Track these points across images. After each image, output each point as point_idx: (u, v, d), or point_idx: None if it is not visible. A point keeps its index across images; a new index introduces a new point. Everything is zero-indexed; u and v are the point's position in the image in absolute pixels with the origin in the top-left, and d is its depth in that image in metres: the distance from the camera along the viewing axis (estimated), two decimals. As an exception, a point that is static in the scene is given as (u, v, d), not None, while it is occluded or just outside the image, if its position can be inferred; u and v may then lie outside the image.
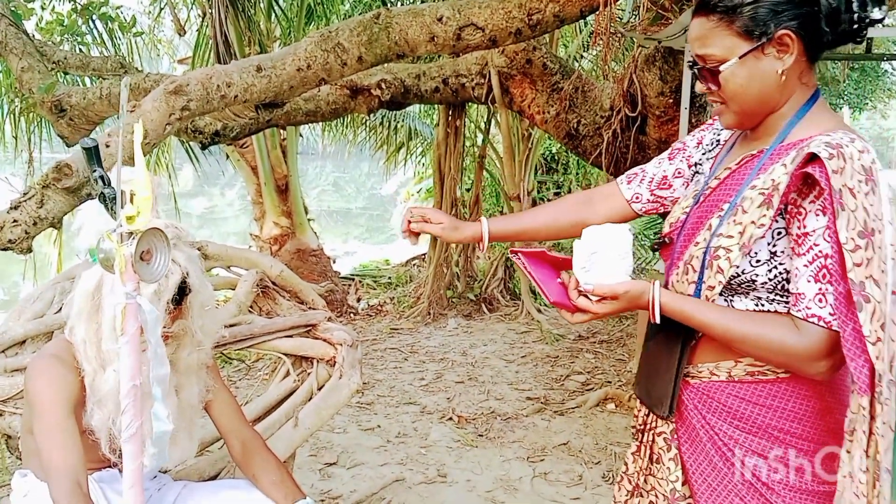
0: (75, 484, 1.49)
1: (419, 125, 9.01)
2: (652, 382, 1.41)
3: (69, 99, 4.10)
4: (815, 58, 1.26)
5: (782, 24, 1.20)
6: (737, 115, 1.31)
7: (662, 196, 1.52)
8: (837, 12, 1.21)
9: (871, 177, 1.16)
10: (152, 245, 1.16)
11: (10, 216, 2.67)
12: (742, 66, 1.23)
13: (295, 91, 3.13)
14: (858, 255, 1.13)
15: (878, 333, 1.12)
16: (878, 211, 1.15)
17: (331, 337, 2.43)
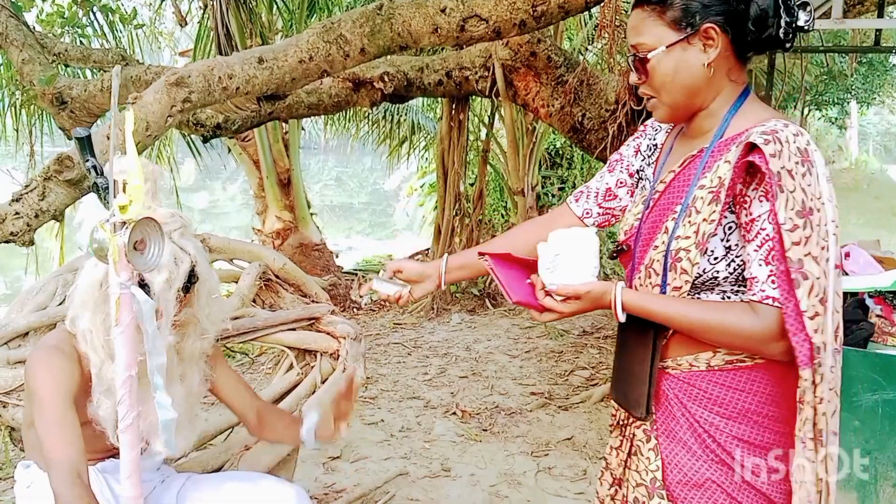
0: (76, 475, 1.49)
1: (422, 119, 8.98)
2: (627, 384, 1.43)
3: (70, 91, 4.08)
4: (743, 56, 1.32)
5: (709, 17, 1.27)
6: (667, 106, 1.36)
7: (611, 207, 1.57)
8: (766, 15, 1.27)
9: (807, 158, 1.21)
10: (146, 234, 1.15)
11: (12, 208, 2.65)
12: (669, 56, 1.30)
13: (297, 83, 3.10)
14: (797, 234, 1.19)
15: (816, 308, 1.18)
16: (815, 191, 1.20)
17: (334, 330, 2.41)
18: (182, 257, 1.55)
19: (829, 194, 1.23)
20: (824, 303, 1.19)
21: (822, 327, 1.19)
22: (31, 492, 1.72)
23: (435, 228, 6.53)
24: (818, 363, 1.19)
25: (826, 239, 1.20)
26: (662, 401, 1.40)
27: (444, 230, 6.33)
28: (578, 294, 1.32)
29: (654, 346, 1.37)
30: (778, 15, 1.28)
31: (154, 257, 1.16)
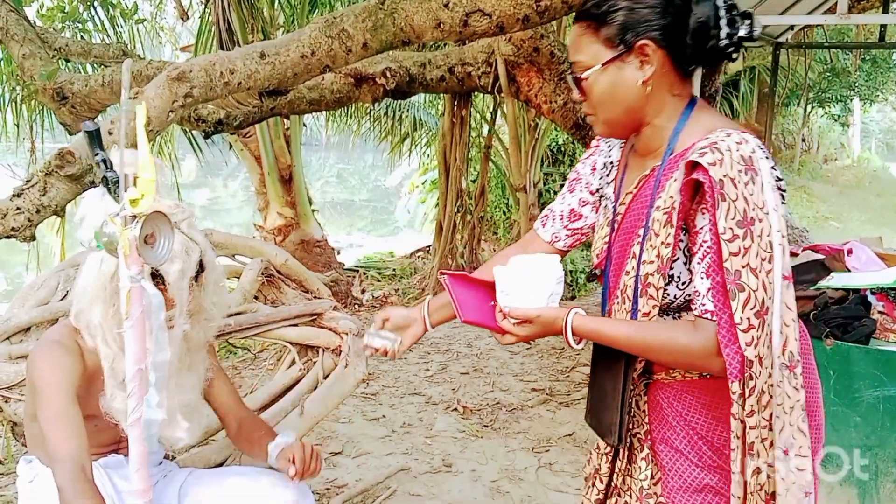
0: (80, 469, 1.50)
1: (424, 115, 8.97)
2: (600, 411, 1.42)
3: (71, 86, 4.08)
4: (685, 71, 1.29)
5: (644, 34, 1.24)
6: (605, 124, 1.34)
7: (577, 227, 1.54)
8: (705, 28, 1.23)
9: (751, 166, 1.18)
10: (156, 228, 1.15)
11: (14, 204, 2.65)
12: (605, 74, 1.27)
13: (299, 78, 3.09)
14: (735, 245, 1.16)
15: (750, 321, 1.16)
16: (758, 200, 1.17)
17: (336, 326, 2.41)
18: (192, 247, 1.57)
19: (774, 203, 1.19)
20: (761, 316, 1.16)
21: (757, 341, 1.16)
22: (33, 487, 1.72)
23: (436, 225, 6.53)
24: (748, 376, 1.17)
25: (769, 250, 1.17)
26: (657, 409, 1.39)
27: (446, 227, 6.32)
28: (530, 318, 1.32)
29: (625, 374, 1.35)
30: (718, 27, 1.24)
31: (164, 251, 1.16)
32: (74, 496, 1.46)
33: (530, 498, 3.04)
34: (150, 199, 1.11)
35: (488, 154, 6.64)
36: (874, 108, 18.28)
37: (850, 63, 9.00)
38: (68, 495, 1.47)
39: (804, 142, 17.50)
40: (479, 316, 1.39)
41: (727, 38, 1.24)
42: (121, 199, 1.12)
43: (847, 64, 9.04)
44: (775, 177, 1.23)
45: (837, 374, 2.25)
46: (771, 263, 1.17)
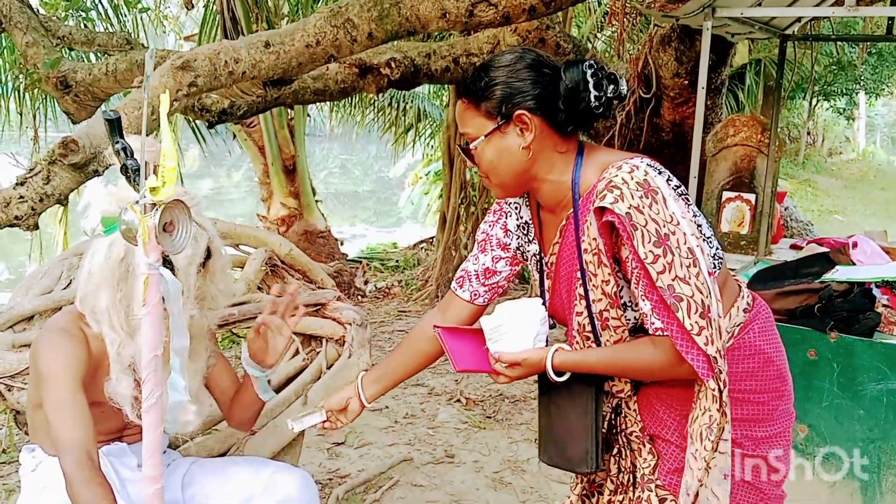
0: (86, 456, 1.50)
1: (428, 106, 8.94)
2: (567, 445, 1.50)
3: (74, 75, 4.07)
4: (564, 131, 1.37)
5: (519, 105, 1.33)
6: (498, 186, 1.44)
7: (494, 283, 1.62)
8: (574, 93, 1.33)
9: (648, 188, 1.28)
10: (175, 217, 1.16)
11: (17, 192, 2.65)
12: (489, 144, 1.37)
13: (304, 68, 3.08)
14: (659, 264, 1.26)
15: (699, 323, 1.25)
16: (665, 216, 1.27)
17: (340, 316, 2.41)
18: (200, 233, 1.57)
19: (681, 212, 1.29)
20: (706, 316, 1.25)
21: (711, 338, 1.25)
22: (36, 475, 1.72)
23: (440, 217, 6.52)
24: (718, 371, 1.27)
25: (689, 256, 1.27)
26: (648, 408, 1.48)
27: (450, 218, 6.32)
28: (517, 361, 1.42)
29: (596, 400, 1.45)
30: (587, 90, 1.33)
31: (182, 239, 1.17)
32: (82, 484, 1.46)
33: (532, 489, 3.04)
34: (172, 187, 1.12)
35: (492, 145, 6.62)
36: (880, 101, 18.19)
37: (856, 56, 8.95)
38: (76, 483, 1.47)
39: (809, 135, 17.44)
40: (473, 363, 1.50)
41: (596, 101, 1.33)
42: (141, 187, 1.13)
43: (853, 57, 8.98)
44: (674, 186, 1.33)
45: (841, 367, 2.24)
46: (696, 266, 1.27)
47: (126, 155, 1.19)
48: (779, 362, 1.46)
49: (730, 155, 3.59)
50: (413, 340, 1.69)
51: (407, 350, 1.70)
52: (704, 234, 1.36)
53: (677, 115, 4.03)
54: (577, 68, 1.34)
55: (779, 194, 3.75)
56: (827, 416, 2.27)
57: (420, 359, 1.68)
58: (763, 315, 1.48)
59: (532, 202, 1.52)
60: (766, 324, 1.47)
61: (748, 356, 1.42)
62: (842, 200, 14.45)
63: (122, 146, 1.20)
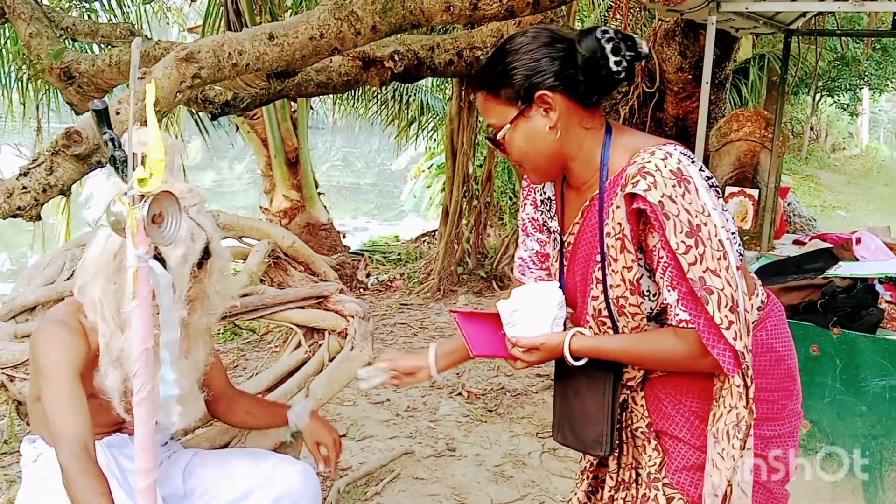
0: (83, 449, 1.50)
1: (431, 99, 8.92)
2: (581, 428, 1.49)
3: (78, 66, 4.06)
4: (589, 104, 1.35)
5: (538, 86, 1.31)
6: (534, 172, 1.42)
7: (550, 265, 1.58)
8: (593, 61, 1.30)
9: (682, 177, 1.26)
10: (164, 208, 1.15)
11: (20, 183, 2.64)
12: (516, 130, 1.35)
13: (307, 60, 3.08)
14: (691, 255, 1.23)
15: (729, 318, 1.23)
16: (697, 206, 1.25)
17: (343, 309, 2.41)
18: (198, 233, 1.55)
19: (712, 203, 1.27)
20: (735, 310, 1.23)
21: (740, 333, 1.24)
22: (37, 466, 1.72)
23: (442, 210, 6.51)
24: (745, 367, 1.25)
25: (720, 248, 1.24)
26: (656, 403, 1.46)
27: (452, 212, 6.31)
28: (535, 345, 1.41)
29: (613, 388, 1.43)
30: (605, 56, 1.30)
31: (171, 231, 1.16)
32: (78, 475, 1.46)
33: (533, 483, 3.05)
34: (159, 178, 1.10)
35: (495, 139, 6.60)
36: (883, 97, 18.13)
37: (860, 52, 8.91)
38: (72, 475, 1.47)
39: (812, 131, 17.38)
40: (490, 348, 1.49)
41: (616, 64, 1.31)
42: (129, 178, 1.12)
43: (857, 53, 8.94)
44: (705, 177, 1.30)
45: (844, 363, 2.24)
46: (727, 259, 1.24)
47: (114, 146, 1.18)
48: (789, 361, 1.45)
49: (733, 150, 3.58)
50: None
51: None
52: (731, 229, 1.33)
53: (681, 109, 4.01)
54: (592, 36, 1.31)
55: (782, 190, 3.74)
56: (829, 412, 2.27)
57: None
58: (776, 313, 1.47)
59: (557, 178, 1.49)
60: (779, 322, 1.47)
61: (759, 354, 1.41)
62: (845, 196, 14.42)
63: (110, 137, 1.19)
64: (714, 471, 1.32)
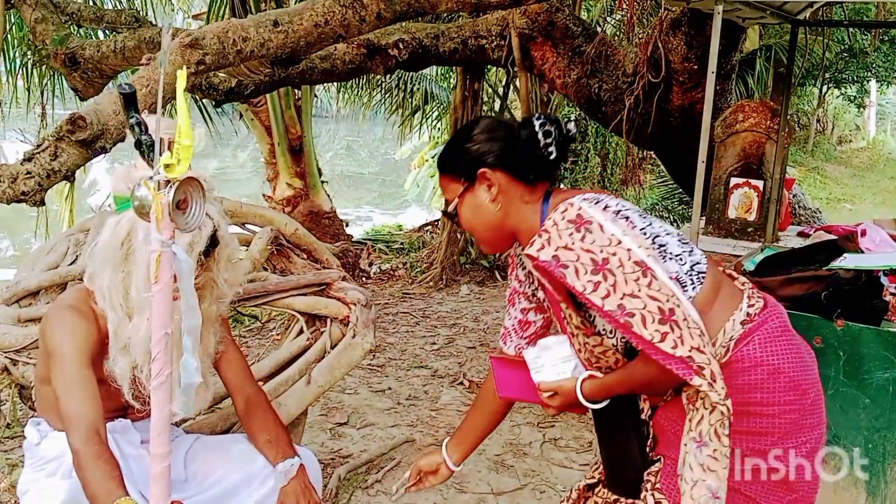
0: (94, 432, 1.51)
1: (435, 88, 8.89)
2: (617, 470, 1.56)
3: (83, 52, 4.05)
4: (528, 180, 1.49)
5: (480, 165, 1.47)
6: (483, 242, 1.58)
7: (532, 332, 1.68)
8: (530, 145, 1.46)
9: (581, 222, 1.36)
10: (189, 194, 1.15)
11: (24, 168, 2.64)
12: (464, 204, 1.52)
13: (312, 47, 3.07)
14: (602, 289, 1.31)
15: (661, 330, 1.28)
16: (602, 242, 1.33)
17: (345, 296, 2.41)
18: (205, 221, 1.56)
19: (622, 230, 1.35)
20: (667, 320, 1.28)
21: (679, 341, 1.28)
22: (41, 449, 1.73)
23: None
24: (697, 368, 1.28)
25: (636, 269, 1.31)
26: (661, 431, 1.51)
27: (455, 201, 6.30)
28: (553, 390, 1.51)
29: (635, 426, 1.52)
30: (539, 140, 1.46)
31: (195, 217, 1.16)
32: (89, 458, 1.47)
33: (534, 472, 3.05)
34: (187, 164, 1.11)
35: (499, 129, 6.58)
36: (891, 89, 18.01)
37: (868, 43, 8.84)
38: (82, 458, 1.48)
39: (819, 122, 17.28)
40: (518, 392, 1.61)
41: (547, 147, 1.46)
42: (155, 163, 1.12)
43: (865, 44, 8.86)
44: (614, 211, 1.40)
45: (847, 355, 2.23)
46: (647, 276, 1.30)
47: (140, 130, 1.18)
48: (790, 372, 1.40)
49: (738, 141, 3.56)
50: (481, 402, 1.78)
51: (478, 411, 1.78)
52: (671, 253, 1.41)
53: (686, 99, 3.99)
54: (529, 122, 1.48)
55: (787, 181, 3.73)
56: (832, 404, 2.26)
57: (491, 416, 1.77)
58: (770, 325, 1.43)
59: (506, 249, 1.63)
60: (773, 333, 1.43)
61: (747, 369, 1.39)
62: (851, 189, 14.36)
63: (137, 121, 1.19)
64: (709, 474, 1.35)
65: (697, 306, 1.37)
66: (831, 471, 2.11)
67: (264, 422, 1.87)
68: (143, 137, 1.18)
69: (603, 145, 7.99)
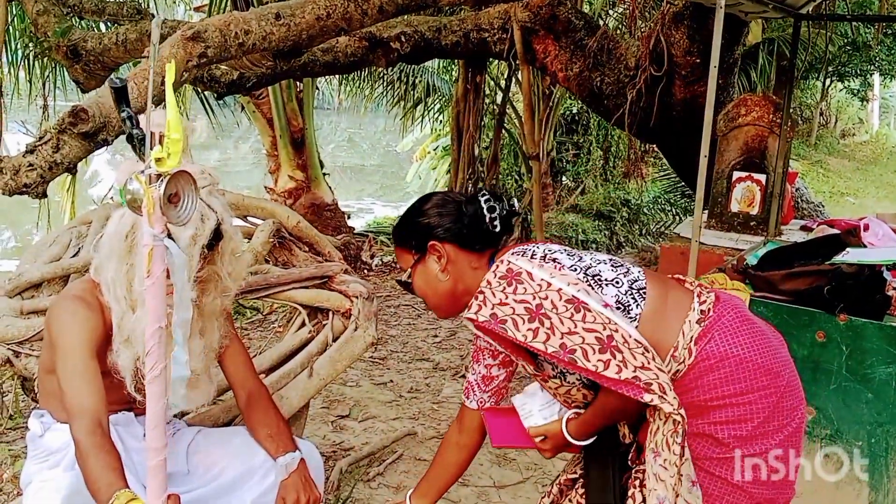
0: (97, 423, 1.51)
1: (437, 81, 8.87)
2: None
3: (85, 44, 4.05)
4: (476, 249, 1.59)
5: (430, 239, 1.58)
6: (437, 309, 1.66)
7: (495, 386, 1.72)
8: (476, 219, 1.57)
9: (511, 275, 1.44)
10: (180, 188, 1.15)
11: (26, 160, 2.64)
12: (417, 275, 1.62)
13: (314, 41, 3.06)
14: (542, 334, 1.37)
15: (603, 359, 1.33)
16: (533, 288, 1.41)
17: (347, 289, 2.41)
18: (209, 215, 1.56)
19: (548, 273, 1.43)
20: (607, 348, 1.34)
21: (622, 366, 1.33)
22: (43, 440, 1.73)
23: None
24: (645, 385, 1.33)
25: (569, 305, 1.37)
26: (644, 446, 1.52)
27: (457, 194, 6.30)
28: (543, 434, 1.57)
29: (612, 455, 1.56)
30: (484, 214, 1.57)
31: (187, 211, 1.17)
32: (91, 449, 1.48)
33: (536, 466, 3.06)
34: (177, 158, 1.11)
35: (502, 121, 6.58)
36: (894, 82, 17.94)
37: (871, 37, 8.80)
38: (84, 449, 1.48)
39: (822, 116, 17.22)
40: (513, 439, 1.65)
41: (492, 220, 1.57)
42: (146, 157, 1.12)
43: (868, 38, 8.83)
44: (540, 257, 1.48)
45: (850, 349, 2.23)
46: (581, 310, 1.37)
47: (132, 124, 1.18)
48: (757, 359, 1.42)
49: (741, 134, 3.55)
50: (443, 454, 1.82)
51: (440, 464, 1.82)
52: (606, 279, 1.47)
53: (688, 93, 3.98)
54: (475, 199, 1.60)
55: (790, 175, 3.72)
56: (835, 398, 2.26)
57: (453, 469, 1.81)
58: (725, 319, 1.46)
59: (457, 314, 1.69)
60: (732, 325, 1.45)
61: (714, 366, 1.42)
62: (854, 183, 14.33)
63: (128, 115, 1.19)
64: (658, 483, 1.40)
65: (646, 320, 1.43)
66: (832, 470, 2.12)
67: (265, 416, 1.87)
68: (135, 132, 1.17)
69: (605, 139, 7.98)
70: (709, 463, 1.44)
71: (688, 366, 1.42)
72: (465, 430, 1.76)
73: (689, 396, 1.43)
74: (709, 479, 1.44)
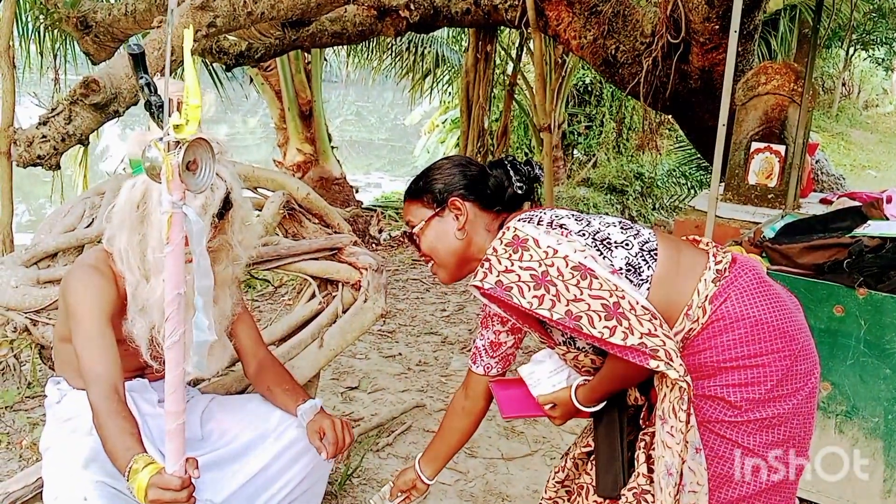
0: (113, 389, 1.53)
1: (447, 51, 8.77)
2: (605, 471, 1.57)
3: (94, 15, 4.02)
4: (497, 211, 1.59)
5: (453, 193, 1.57)
6: (441, 267, 1.63)
7: (502, 353, 1.73)
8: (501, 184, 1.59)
9: (517, 244, 1.42)
10: (198, 155, 1.15)
11: (39, 132, 2.64)
12: (429, 227, 1.60)
13: (322, 9, 3.02)
14: (547, 301, 1.35)
15: (609, 325, 1.32)
16: (539, 255, 1.39)
17: (356, 261, 2.40)
18: (218, 184, 1.57)
19: (555, 240, 1.41)
20: (613, 314, 1.32)
21: (629, 331, 1.32)
22: (61, 406, 1.76)
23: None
24: (652, 352, 1.31)
25: (576, 272, 1.36)
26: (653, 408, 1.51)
27: (468, 167, 6.25)
28: (552, 401, 1.56)
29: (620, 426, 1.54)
30: (509, 176, 1.60)
31: (205, 178, 1.17)
32: (108, 415, 1.49)
33: (544, 439, 3.07)
34: (195, 125, 1.11)
35: (512, 92, 6.49)
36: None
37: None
38: (102, 414, 1.50)
39: (844, 86, 16.90)
40: (522, 409, 1.65)
41: (517, 181, 1.60)
42: (165, 124, 1.12)
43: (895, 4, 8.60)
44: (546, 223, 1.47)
45: (869, 324, 2.19)
46: (588, 277, 1.35)
47: (150, 91, 1.18)
48: (774, 321, 1.41)
49: (760, 104, 3.48)
50: (449, 420, 1.82)
51: (447, 430, 1.83)
52: (615, 242, 1.45)
53: (706, 61, 3.91)
54: (501, 162, 1.62)
55: (810, 146, 3.64)
56: (851, 374, 2.24)
57: (459, 434, 1.81)
58: (743, 279, 1.44)
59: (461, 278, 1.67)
60: (748, 287, 1.44)
61: (730, 325, 1.40)
62: (876, 155, 14.09)
63: (146, 82, 1.18)
64: (665, 451, 1.39)
65: (658, 281, 1.41)
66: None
67: (277, 375, 1.91)
68: (153, 98, 1.17)
69: (619, 109, 7.88)
70: (720, 426, 1.43)
71: (701, 325, 1.40)
72: (470, 395, 1.77)
73: (701, 357, 1.42)
74: (718, 441, 1.43)
